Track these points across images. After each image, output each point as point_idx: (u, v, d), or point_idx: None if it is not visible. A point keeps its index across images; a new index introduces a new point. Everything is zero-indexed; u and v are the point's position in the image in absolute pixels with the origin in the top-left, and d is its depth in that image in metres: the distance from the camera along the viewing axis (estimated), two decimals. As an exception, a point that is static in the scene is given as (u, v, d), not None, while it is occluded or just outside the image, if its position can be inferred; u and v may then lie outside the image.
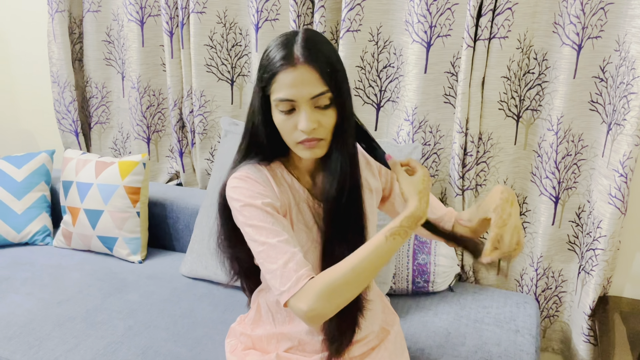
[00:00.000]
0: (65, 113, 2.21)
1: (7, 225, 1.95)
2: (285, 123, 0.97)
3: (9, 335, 1.47)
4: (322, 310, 0.91)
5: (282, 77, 0.93)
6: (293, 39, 0.95)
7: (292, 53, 0.93)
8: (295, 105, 0.95)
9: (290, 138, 0.98)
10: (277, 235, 0.96)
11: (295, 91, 0.93)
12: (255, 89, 1.00)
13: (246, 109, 1.99)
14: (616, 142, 1.44)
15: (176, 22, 1.97)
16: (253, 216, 0.98)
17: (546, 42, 1.56)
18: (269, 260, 0.95)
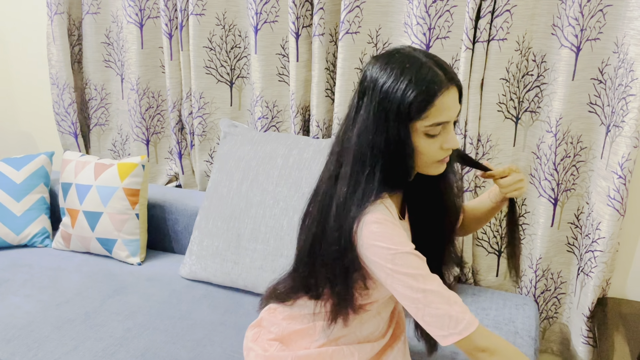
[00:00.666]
0: (64, 115, 2.21)
1: (6, 227, 1.95)
2: (431, 146, 0.96)
3: (8, 338, 1.47)
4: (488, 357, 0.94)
5: (441, 102, 0.92)
6: (423, 61, 0.93)
7: (441, 76, 0.92)
8: (444, 126, 0.95)
9: (430, 159, 0.97)
10: (433, 280, 0.95)
11: (451, 112, 0.94)
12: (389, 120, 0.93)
13: (245, 111, 2.02)
14: (615, 144, 1.45)
15: (175, 24, 1.97)
16: (407, 264, 0.94)
17: (545, 44, 1.56)
18: (432, 306, 0.93)
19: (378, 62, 0.96)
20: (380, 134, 0.94)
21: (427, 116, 0.92)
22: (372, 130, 0.94)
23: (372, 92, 0.94)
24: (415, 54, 0.94)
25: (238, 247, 1.67)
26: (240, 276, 1.67)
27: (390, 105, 0.92)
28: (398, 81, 0.92)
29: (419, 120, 0.93)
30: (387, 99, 0.92)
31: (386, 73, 0.93)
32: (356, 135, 0.96)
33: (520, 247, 1.18)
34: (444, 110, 0.93)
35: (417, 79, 0.91)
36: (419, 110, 0.91)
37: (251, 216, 1.66)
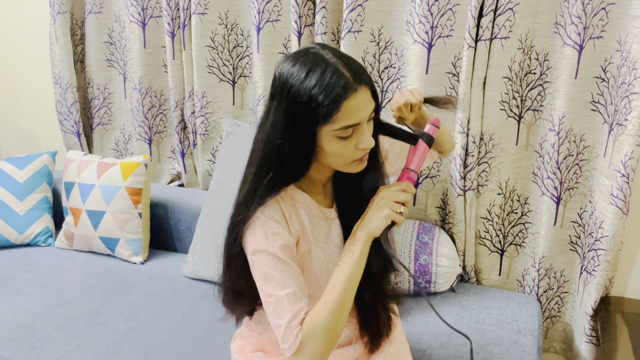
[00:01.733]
0: (67, 114, 2.21)
1: (9, 227, 1.96)
2: (345, 148, 0.95)
3: (11, 336, 1.47)
4: (322, 354, 0.95)
5: (348, 105, 0.90)
6: (330, 62, 0.91)
7: (348, 77, 0.90)
8: (356, 127, 0.94)
9: (345, 159, 0.97)
10: (285, 287, 0.96)
11: (361, 114, 0.92)
12: (296, 124, 0.92)
13: (247, 110, 2.02)
14: (618, 143, 1.44)
15: (178, 23, 1.97)
16: (263, 263, 0.97)
17: (547, 42, 1.56)
18: (275, 315, 0.96)
19: (286, 63, 0.94)
20: (287, 137, 0.93)
21: (335, 120, 0.91)
22: (280, 133, 0.93)
23: (280, 95, 0.93)
24: (323, 55, 0.92)
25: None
26: (243, 275, 1.67)
27: (297, 110, 0.91)
28: (304, 84, 0.90)
29: (327, 125, 0.91)
30: (294, 103, 0.91)
31: (293, 76, 0.91)
32: (265, 137, 0.96)
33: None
34: (353, 113, 0.91)
35: (322, 83, 0.89)
36: (326, 115, 0.90)
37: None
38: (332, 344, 0.96)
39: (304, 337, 0.94)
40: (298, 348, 0.94)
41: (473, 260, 1.77)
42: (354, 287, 0.97)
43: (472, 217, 1.71)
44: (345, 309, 0.96)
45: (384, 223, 0.96)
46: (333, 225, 1.08)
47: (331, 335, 0.95)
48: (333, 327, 0.95)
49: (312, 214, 1.06)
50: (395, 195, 0.97)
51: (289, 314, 0.95)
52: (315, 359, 0.95)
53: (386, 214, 0.95)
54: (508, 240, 1.76)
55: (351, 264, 0.96)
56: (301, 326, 0.95)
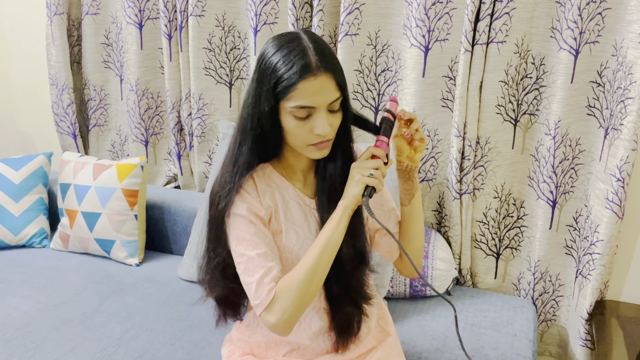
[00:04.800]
0: (63, 115, 2.21)
1: (4, 228, 1.95)
2: (300, 128, 0.98)
3: (6, 338, 1.46)
4: (290, 317, 0.98)
5: (304, 86, 0.94)
6: (302, 44, 0.95)
7: (310, 62, 0.94)
8: (312, 111, 0.97)
9: (301, 141, 1.00)
10: (256, 247, 1.00)
11: (317, 98, 0.95)
12: (262, 95, 0.97)
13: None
14: (613, 147, 1.45)
15: (175, 25, 1.97)
16: (236, 226, 1.02)
17: (544, 46, 1.56)
18: (247, 273, 1.00)
19: (269, 41, 1.00)
20: (255, 107, 0.99)
21: (291, 98, 0.95)
22: (250, 103, 1.00)
23: (257, 66, 0.99)
24: (301, 36, 0.97)
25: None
26: (239, 277, 1.67)
27: (264, 82, 0.97)
28: (272, 59, 0.96)
29: (284, 101, 0.96)
30: (263, 75, 0.97)
31: (268, 49, 0.97)
32: (241, 107, 1.03)
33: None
34: (308, 95, 0.94)
35: (286, 60, 0.94)
36: (284, 90, 0.95)
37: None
38: (304, 304, 0.98)
39: (277, 293, 0.97)
40: (270, 303, 0.97)
41: (469, 264, 1.77)
42: (331, 252, 0.99)
43: (468, 220, 1.71)
44: (320, 271, 0.98)
45: (358, 188, 0.98)
46: (310, 214, 1.09)
47: (304, 295, 0.97)
48: (306, 286, 0.97)
49: (289, 196, 1.09)
50: (365, 163, 1.00)
51: (261, 271, 0.98)
52: (286, 315, 0.97)
53: (357, 179, 0.98)
54: (504, 244, 1.76)
55: (329, 230, 0.99)
56: (275, 284, 0.98)
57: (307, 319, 1.11)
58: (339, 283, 1.08)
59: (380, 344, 1.19)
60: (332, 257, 0.99)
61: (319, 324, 1.11)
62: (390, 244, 1.16)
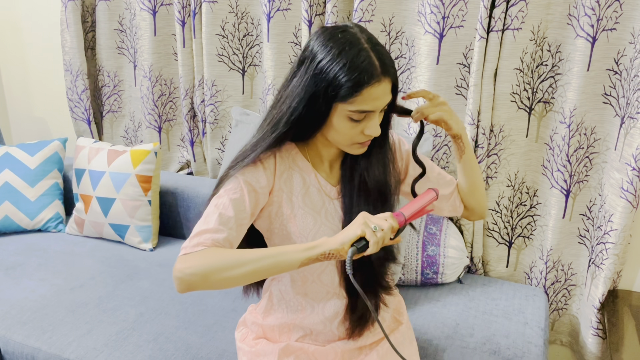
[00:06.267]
0: (77, 101, 2.22)
1: (20, 212, 1.98)
2: (352, 129, 0.98)
3: (23, 320, 1.49)
4: (192, 280, 0.92)
5: (368, 92, 0.93)
6: (364, 47, 0.94)
7: (376, 69, 0.93)
8: (368, 114, 0.97)
9: (348, 140, 1.00)
10: (225, 209, 0.99)
11: (377, 103, 0.96)
12: (317, 93, 0.95)
13: (257, 99, 2.02)
14: (629, 136, 1.43)
15: (188, 11, 1.97)
16: (230, 183, 1.02)
17: (560, 34, 1.54)
18: (201, 221, 0.99)
19: (322, 37, 0.97)
20: (303, 104, 0.97)
21: (353, 102, 0.94)
22: (298, 99, 0.97)
23: (310, 64, 0.96)
24: (359, 37, 0.95)
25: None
26: (251, 263, 1.68)
27: (321, 83, 0.94)
28: (334, 62, 0.93)
29: (344, 104, 0.95)
30: (320, 75, 0.94)
31: (325, 50, 0.94)
32: (283, 99, 1.00)
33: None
34: (371, 101, 0.95)
35: (352, 64, 0.92)
36: (346, 95, 0.93)
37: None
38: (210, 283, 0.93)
39: (201, 253, 0.93)
40: (190, 254, 0.94)
41: (481, 252, 1.77)
42: (271, 267, 0.92)
43: (481, 208, 1.71)
44: (249, 274, 0.92)
45: (354, 232, 0.90)
46: (329, 202, 1.10)
47: (216, 277, 0.92)
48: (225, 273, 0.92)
49: (310, 182, 1.09)
50: (376, 218, 0.92)
51: (210, 226, 0.97)
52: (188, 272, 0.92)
53: (360, 221, 0.91)
54: (516, 233, 1.76)
55: (290, 250, 0.92)
56: (210, 243, 0.96)
57: (322, 303, 1.12)
58: (362, 273, 1.08)
59: (392, 332, 1.20)
60: (272, 271, 0.93)
61: (333, 310, 1.12)
62: (452, 203, 1.18)
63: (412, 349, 1.21)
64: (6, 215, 1.96)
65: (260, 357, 1.14)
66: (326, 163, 1.11)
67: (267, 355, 1.13)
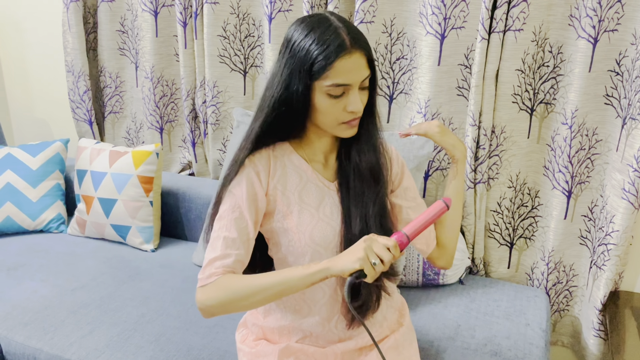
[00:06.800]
0: (79, 102, 2.23)
1: (22, 213, 1.98)
2: (333, 107, 1.00)
3: (25, 321, 1.49)
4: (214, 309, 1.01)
5: (340, 64, 0.96)
6: (334, 24, 0.97)
7: (345, 41, 0.96)
8: (347, 89, 0.99)
9: (334, 119, 1.02)
10: (228, 230, 1.03)
11: (352, 76, 0.98)
12: (293, 76, 0.98)
13: (258, 100, 2.02)
14: (631, 137, 1.43)
15: (190, 12, 1.97)
16: (226, 202, 1.05)
17: (562, 35, 1.54)
18: (209, 249, 1.04)
19: (297, 22, 1.01)
20: (284, 88, 1.00)
21: (327, 77, 0.97)
22: (278, 83, 1.00)
23: (285, 49, 1.00)
24: (329, 18, 0.99)
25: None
26: (253, 264, 1.68)
27: (295, 63, 0.98)
28: (304, 40, 0.97)
29: (319, 80, 0.97)
30: (293, 56, 0.98)
31: (297, 32, 0.99)
32: (265, 88, 1.04)
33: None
34: (344, 73, 0.97)
35: (320, 39, 0.96)
36: (319, 70, 0.96)
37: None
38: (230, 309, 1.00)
39: (217, 283, 1.00)
40: (207, 285, 1.01)
41: (482, 253, 1.77)
42: (284, 292, 0.96)
43: (482, 210, 1.71)
44: (261, 299, 0.97)
45: (353, 265, 0.89)
46: (328, 196, 1.10)
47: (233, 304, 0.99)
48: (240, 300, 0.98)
49: (306, 178, 1.10)
50: (378, 247, 0.91)
51: (217, 253, 1.02)
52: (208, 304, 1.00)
53: (360, 256, 0.89)
54: (518, 234, 1.76)
55: (297, 276, 0.94)
56: (222, 270, 1.01)
57: (319, 303, 1.12)
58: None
59: (393, 333, 1.20)
60: (281, 295, 0.97)
61: (330, 309, 1.12)
62: (427, 237, 1.17)
63: (412, 350, 1.21)
64: (8, 216, 1.97)
65: (260, 357, 1.15)
66: (320, 155, 1.12)
67: (267, 356, 1.13)
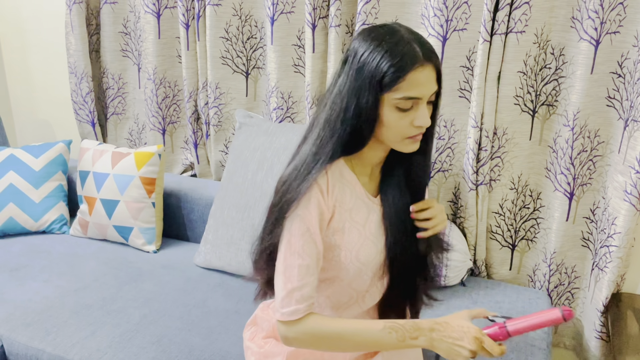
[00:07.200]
0: (82, 104, 2.23)
1: (25, 214, 1.99)
2: (401, 120, 0.98)
3: (27, 322, 1.50)
4: (299, 346, 1.01)
5: (413, 77, 0.94)
6: (405, 36, 0.95)
7: (418, 52, 0.94)
8: (416, 102, 0.97)
9: (399, 133, 0.99)
10: (301, 257, 0.99)
11: (423, 89, 0.96)
12: (362, 88, 0.96)
13: (260, 101, 2.03)
14: (633, 139, 1.43)
15: (192, 14, 1.98)
16: (294, 227, 1.00)
17: (564, 37, 1.54)
18: (283, 278, 1.00)
19: (362, 34, 0.99)
20: (353, 100, 0.97)
21: (398, 89, 0.94)
22: (346, 96, 0.97)
23: (352, 60, 0.97)
24: (399, 29, 0.97)
25: (253, 236, 1.68)
26: (255, 265, 1.68)
27: (365, 74, 0.95)
28: (375, 52, 0.94)
29: (390, 92, 0.95)
30: (363, 68, 0.95)
31: (366, 43, 0.96)
32: (331, 100, 1.00)
33: None
34: (416, 86, 0.95)
35: (393, 51, 0.94)
36: (391, 82, 0.94)
37: (266, 206, 1.67)
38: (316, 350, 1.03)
39: (303, 325, 0.98)
40: (291, 322, 0.99)
41: (484, 255, 1.77)
42: (373, 347, 0.99)
43: (484, 211, 1.71)
44: (350, 347, 1.00)
45: (460, 357, 0.95)
46: (372, 212, 1.09)
47: (321, 347, 1.01)
48: (329, 346, 1.00)
49: (356, 195, 1.07)
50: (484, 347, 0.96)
51: (295, 284, 0.98)
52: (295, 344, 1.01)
53: (464, 355, 0.95)
54: (519, 235, 1.76)
55: (391, 341, 0.97)
56: (303, 306, 0.98)
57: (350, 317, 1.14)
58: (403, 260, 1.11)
59: None
60: (371, 349, 0.99)
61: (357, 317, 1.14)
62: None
63: (415, 350, 1.21)
64: (11, 217, 1.97)
65: (268, 358, 1.14)
66: (369, 169, 1.10)
67: (276, 357, 1.13)
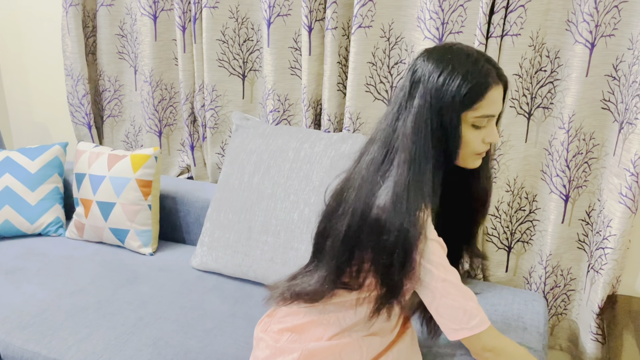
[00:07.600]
0: (78, 106, 2.23)
1: (20, 216, 1.98)
2: (476, 137, 1.02)
3: (23, 325, 1.49)
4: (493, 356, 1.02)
5: (492, 95, 0.99)
6: (476, 55, 1.00)
7: (493, 71, 0.99)
8: (489, 120, 1.02)
9: (471, 150, 1.03)
10: (453, 272, 1.01)
11: (496, 107, 1.01)
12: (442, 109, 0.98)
13: (257, 104, 2.03)
14: (628, 141, 1.44)
15: (189, 16, 1.98)
16: (432, 251, 1.00)
17: (559, 39, 1.55)
18: (449, 297, 0.99)
19: (433, 55, 1.01)
20: (437, 122, 0.99)
21: (478, 107, 0.99)
22: (428, 117, 0.99)
23: (428, 82, 0.99)
24: (467, 49, 1.01)
25: (249, 239, 1.68)
26: (251, 268, 1.68)
27: (446, 95, 0.98)
28: (454, 73, 0.98)
29: (470, 111, 0.99)
30: (442, 89, 0.98)
31: (442, 64, 0.99)
32: (412, 122, 1.00)
33: None
34: (492, 104, 1.00)
35: (473, 71, 0.98)
36: (472, 101, 0.98)
37: (262, 209, 1.68)
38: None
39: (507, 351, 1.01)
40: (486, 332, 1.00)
41: (480, 257, 1.77)
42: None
43: (480, 213, 1.71)
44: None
45: None
46: None
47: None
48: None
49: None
50: None
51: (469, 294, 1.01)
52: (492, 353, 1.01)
53: None
54: (515, 238, 1.76)
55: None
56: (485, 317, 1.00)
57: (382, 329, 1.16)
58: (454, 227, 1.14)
59: (402, 336, 1.21)
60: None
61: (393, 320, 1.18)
62: None
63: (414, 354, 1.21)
64: (6, 220, 1.97)
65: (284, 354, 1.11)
66: None
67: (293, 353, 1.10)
